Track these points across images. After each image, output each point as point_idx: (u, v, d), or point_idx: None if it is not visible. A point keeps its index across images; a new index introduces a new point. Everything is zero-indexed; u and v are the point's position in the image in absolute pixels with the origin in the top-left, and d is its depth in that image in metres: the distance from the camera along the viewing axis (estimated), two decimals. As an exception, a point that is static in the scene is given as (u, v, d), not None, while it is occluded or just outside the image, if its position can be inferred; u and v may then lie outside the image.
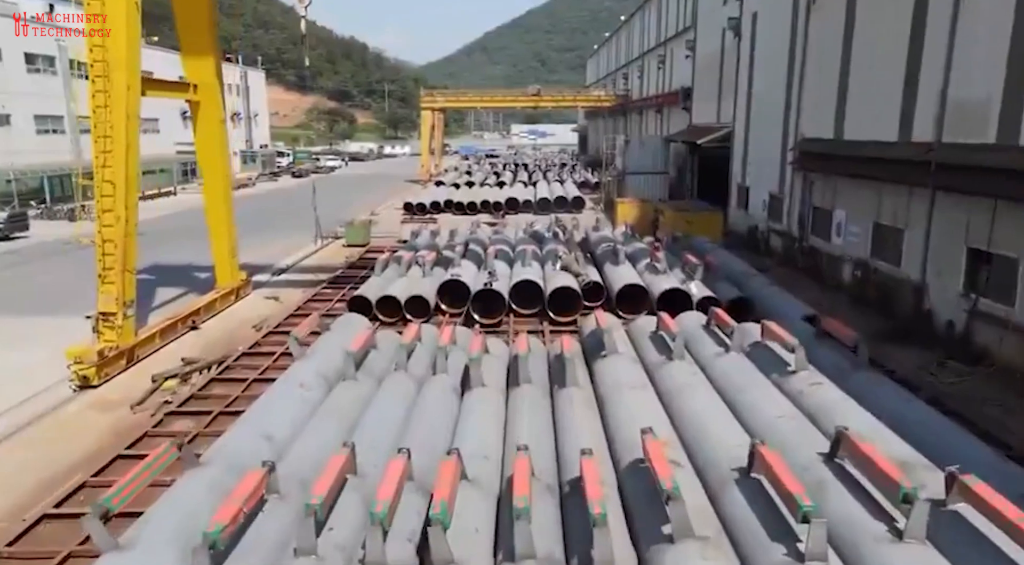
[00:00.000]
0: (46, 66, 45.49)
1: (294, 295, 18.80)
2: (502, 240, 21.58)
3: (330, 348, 10.93)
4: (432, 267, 17.74)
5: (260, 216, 36.35)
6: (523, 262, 17.64)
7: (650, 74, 47.51)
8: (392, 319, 15.67)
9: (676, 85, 38.55)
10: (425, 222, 27.30)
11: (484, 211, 35.64)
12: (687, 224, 23.31)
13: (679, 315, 12.93)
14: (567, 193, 38.00)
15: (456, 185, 44.64)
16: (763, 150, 24.44)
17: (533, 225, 23.35)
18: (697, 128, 34.00)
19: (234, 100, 66.15)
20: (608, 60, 72.59)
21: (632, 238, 21.83)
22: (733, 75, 27.54)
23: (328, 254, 25.36)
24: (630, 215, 26.55)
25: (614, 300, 15.90)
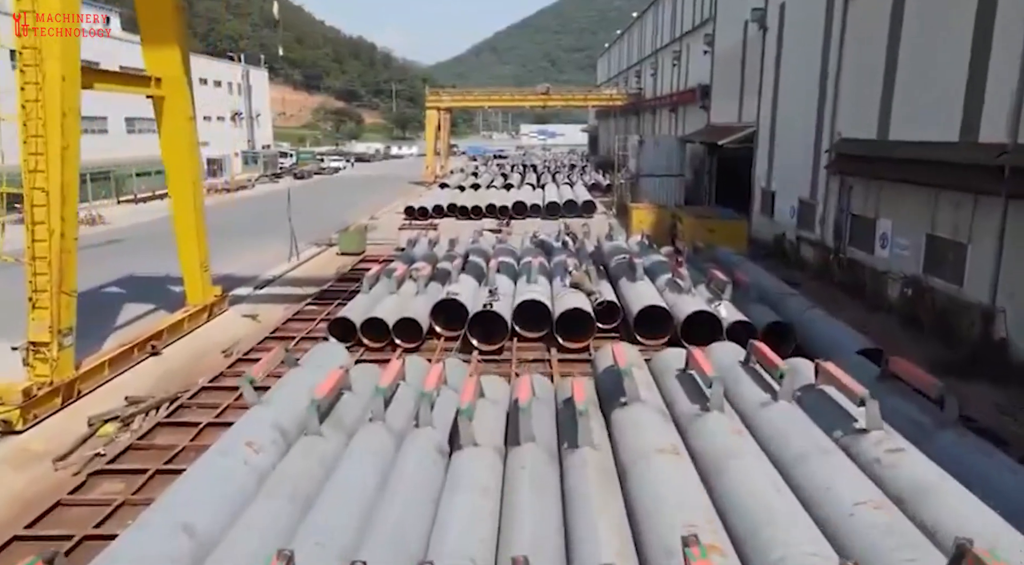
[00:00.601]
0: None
1: (275, 312, 16.96)
2: (506, 251, 19.68)
3: (295, 390, 9.06)
4: (427, 283, 15.87)
5: (255, 220, 34.61)
6: (529, 277, 15.72)
7: (664, 71, 45.51)
8: (380, 344, 13.80)
9: (693, 82, 36.54)
10: (425, 228, 25.45)
11: (489, 215, 33.76)
12: (709, 233, 21.33)
13: (711, 346, 10.99)
14: (577, 197, 36.05)
15: (461, 188, 42.82)
16: (792, 151, 22.44)
17: (540, 234, 21.43)
18: (716, 128, 31.99)
19: (236, 99, 64.59)
20: (619, 58, 70.60)
21: (649, 248, 19.88)
22: (757, 70, 25.52)
23: (320, 264, 23.53)
24: (645, 222, 24.59)
25: (632, 323, 13.96)
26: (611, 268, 18.02)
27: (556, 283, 16.01)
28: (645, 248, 19.97)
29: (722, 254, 19.10)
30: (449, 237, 21.39)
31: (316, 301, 17.57)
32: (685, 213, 23.24)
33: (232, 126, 63.75)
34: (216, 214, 38.79)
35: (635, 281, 15.57)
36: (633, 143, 35.20)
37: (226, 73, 62.64)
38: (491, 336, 13.85)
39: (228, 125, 62.79)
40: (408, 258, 19.65)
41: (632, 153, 34.99)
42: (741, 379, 9.47)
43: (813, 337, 12.46)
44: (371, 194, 47.98)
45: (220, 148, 58.90)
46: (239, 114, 64.09)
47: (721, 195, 33.34)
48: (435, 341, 14.30)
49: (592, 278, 15.71)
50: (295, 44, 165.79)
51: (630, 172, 34.80)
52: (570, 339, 13.76)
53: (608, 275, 17.68)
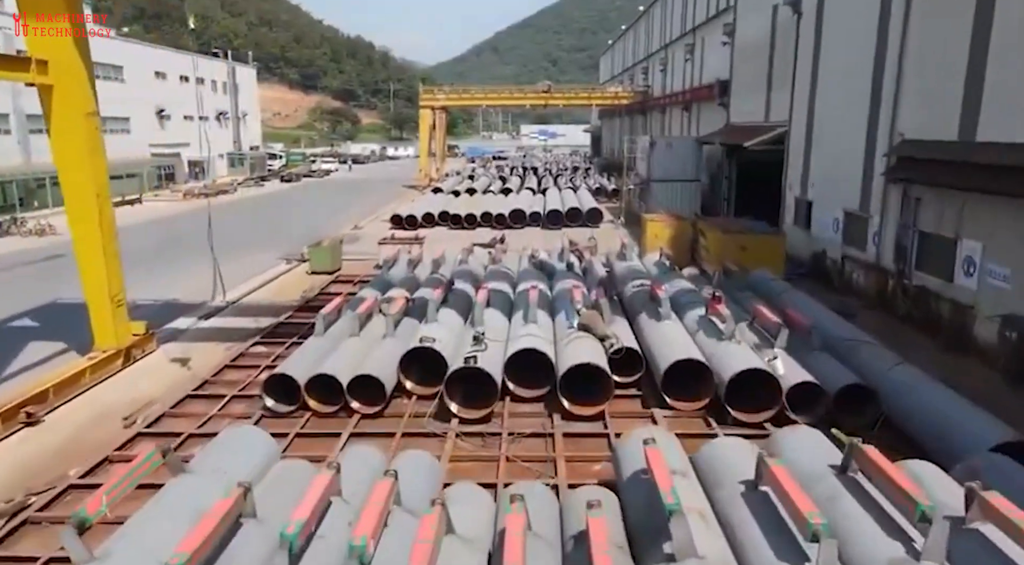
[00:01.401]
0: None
1: (214, 354, 13.73)
2: (500, 274, 16.45)
3: (157, 532, 5.87)
4: (399, 321, 12.68)
5: (227, 230, 31.28)
6: (526, 313, 12.49)
7: (675, 67, 42.26)
8: (332, 406, 10.58)
9: (709, 78, 33.30)
10: (409, 242, 22.23)
11: (485, 224, 30.54)
12: (740, 251, 18.08)
13: (780, 436, 7.76)
14: (581, 203, 32.80)
15: (456, 193, 39.62)
16: (835, 154, 19.21)
17: (540, 252, 18.17)
18: (736, 128, 28.75)
19: (221, 98, 61.37)
20: (624, 55, 67.34)
21: (671, 271, 16.64)
22: (790, 62, 22.29)
23: (283, 286, 20.30)
24: (662, 237, 21.35)
25: (660, 380, 10.72)
26: (627, 298, 14.80)
27: (560, 320, 12.79)
28: (666, 271, 16.74)
29: (759, 279, 15.89)
30: (433, 256, 18.16)
31: (267, 338, 14.36)
32: (709, 226, 19.99)
33: (218, 126, 60.53)
34: (184, 222, 35.63)
35: (660, 320, 12.34)
36: (643, 145, 31.98)
37: (210, 70, 59.43)
38: (477, 395, 10.61)
39: (212, 125, 59.58)
40: (382, 283, 16.46)
41: (642, 156, 31.76)
42: (842, 505, 6.23)
43: (910, 410, 9.22)
44: (361, 199, 44.81)
45: (202, 149, 55.71)
46: (224, 114, 60.87)
47: (742, 203, 30.06)
48: (405, 400, 11.10)
49: (605, 315, 12.49)
50: (292, 43, 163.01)
51: (640, 177, 31.57)
52: (580, 402, 10.52)
53: (623, 307, 14.46)
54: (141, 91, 47.62)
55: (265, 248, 25.61)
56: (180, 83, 54.04)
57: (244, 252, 25.63)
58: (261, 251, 25.22)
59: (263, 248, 25.75)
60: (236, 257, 24.63)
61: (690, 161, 30.51)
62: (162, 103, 50.22)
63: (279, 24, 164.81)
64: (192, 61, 54.05)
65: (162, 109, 50.07)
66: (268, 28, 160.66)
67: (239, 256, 24.76)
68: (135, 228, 32.29)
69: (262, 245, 26.61)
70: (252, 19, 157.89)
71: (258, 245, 26.77)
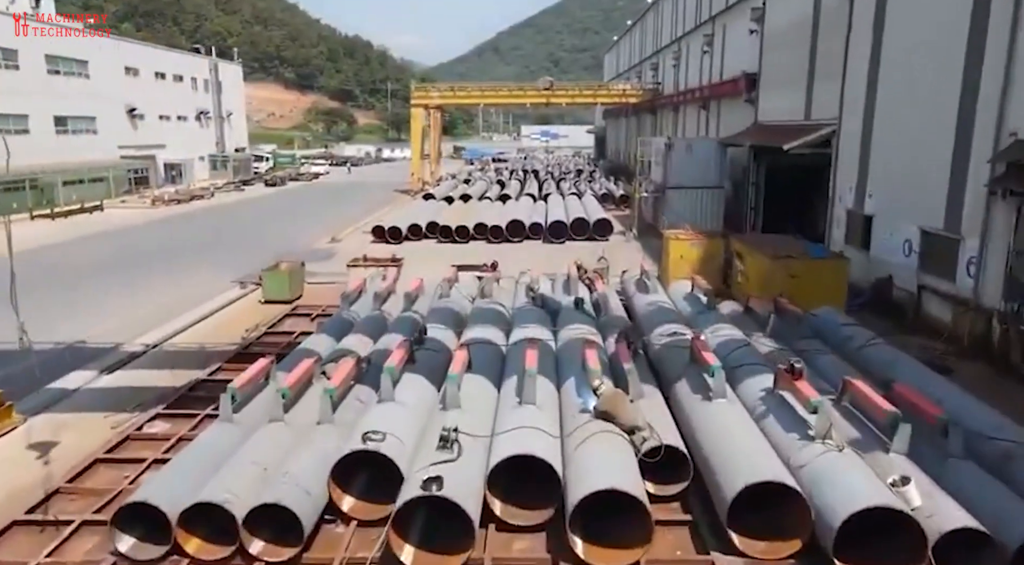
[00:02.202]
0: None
1: (97, 432, 10.08)
2: (489, 314, 12.79)
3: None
4: (347, 391, 9.07)
5: (185, 244, 27.70)
6: (521, 386, 8.83)
7: (690, 61, 38.58)
8: (223, 549, 6.92)
9: (732, 71, 29.62)
10: (385, 264, 18.58)
11: (479, 236, 26.89)
12: (789, 280, 14.41)
13: None
14: (588, 213, 29.14)
15: (449, 199, 36.04)
16: (906, 159, 15.55)
17: (539, 284, 14.40)
18: (767, 127, 25.11)
19: (202, 96, 57.73)
20: (631, 51, 63.71)
21: (709, 311, 12.96)
22: (840, 47, 18.64)
23: (231, 318, 16.65)
24: (689, 258, 17.68)
25: (724, 511, 7.02)
26: (655, 351, 11.13)
27: (569, 395, 9.12)
28: (703, 310, 13.07)
29: (827, 322, 12.22)
30: (410, 286, 14.47)
31: (173, 409, 10.71)
32: (750, 247, 16.26)
33: (199, 126, 56.92)
34: (143, 234, 31.02)
35: (711, 398, 8.65)
36: (658, 147, 28.31)
37: (190, 67, 55.77)
38: (446, 530, 6.95)
39: (192, 125, 55.97)
40: (338, 326, 12.83)
41: (657, 159, 28.09)
42: None
43: None
44: (346, 205, 41.18)
45: (181, 151, 52.15)
46: (206, 113, 57.21)
47: (770, 214, 26.43)
48: (340, 529, 7.45)
49: (633, 390, 8.86)
50: (288, 42, 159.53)
51: (655, 184, 27.88)
52: (601, 541, 6.86)
53: (650, 363, 10.80)
54: (110, 88, 44.02)
55: (222, 267, 21.98)
56: (155, 80, 50.42)
57: (194, 272, 22.04)
58: (216, 270, 21.60)
59: (219, 267, 22.12)
60: (182, 279, 21.03)
61: (712, 165, 26.84)
62: (134, 101, 46.58)
63: (274, 22, 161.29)
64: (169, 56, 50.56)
65: (133, 108, 46.43)
66: (263, 26, 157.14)
67: (186, 277, 21.19)
68: (78, 242, 28.77)
69: (219, 263, 22.97)
70: (247, 17, 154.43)
71: (214, 263, 23.13)
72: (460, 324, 12.69)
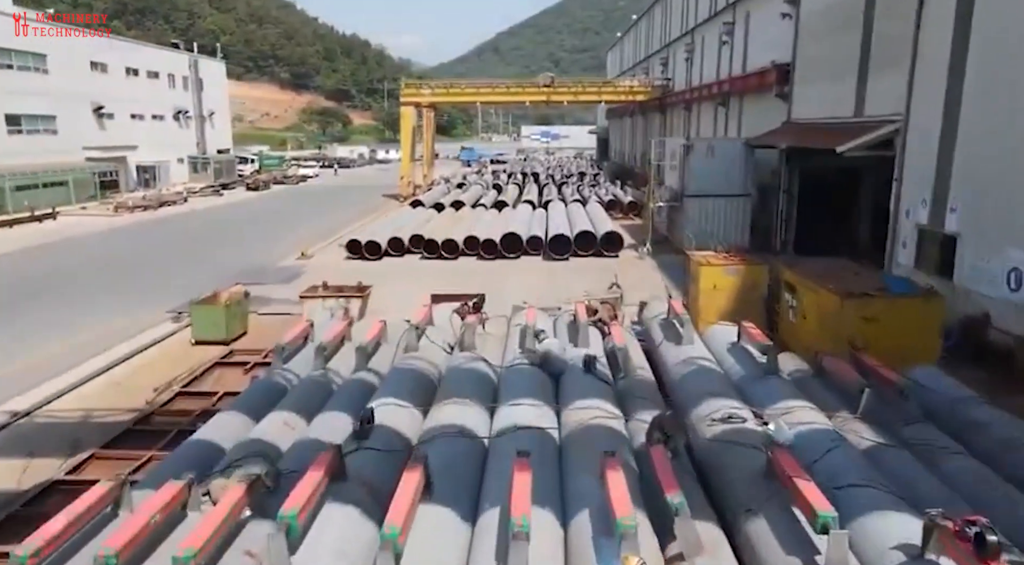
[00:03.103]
0: None
1: None
2: (466, 381, 9.27)
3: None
4: (243, 524, 5.59)
5: (129, 261, 24.10)
6: (506, 529, 5.34)
7: (705, 54, 35.10)
8: None
9: (758, 62, 26.12)
10: (347, 294, 15.10)
11: (471, 252, 23.43)
12: (864, 324, 10.92)
13: None
14: (594, 224, 25.65)
15: (439, 206, 32.57)
16: (1010, 163, 12.05)
17: (542, 337, 10.80)
18: (803, 126, 21.64)
19: (181, 94, 54.24)
20: (636, 47, 60.23)
21: (770, 375, 9.45)
22: (905, 30, 15.18)
23: (149, 365, 13.18)
24: (724, 288, 14.17)
25: None
26: (701, 446, 7.66)
27: (581, 547, 5.64)
28: (758, 372, 9.57)
29: (933, 391, 8.72)
30: (365, 336, 10.95)
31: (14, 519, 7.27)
32: (805, 278, 12.76)
33: (177, 126, 53.45)
34: (97, 246, 26.78)
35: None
36: (674, 149, 24.84)
37: (166, 63, 52.24)
38: None
39: (170, 125, 52.51)
40: (261, 395, 9.38)
41: (673, 163, 24.62)
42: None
43: None
44: (329, 212, 37.73)
45: (156, 152, 48.71)
46: (185, 112, 53.70)
47: (804, 226, 23.03)
48: None
49: (687, 542, 5.39)
50: (283, 40, 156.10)
51: (671, 191, 24.39)
52: None
53: (694, 465, 7.35)
54: (73, 84, 40.52)
55: (162, 293, 18.52)
56: (127, 77, 46.93)
57: (129, 297, 18.55)
58: (154, 297, 18.13)
59: (160, 292, 18.66)
60: (112, 307, 17.48)
61: (737, 170, 23.39)
62: (101, 99, 43.09)
63: (270, 20, 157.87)
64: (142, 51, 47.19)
65: (101, 106, 42.94)
66: (258, 25, 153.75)
67: (118, 304, 17.68)
68: (42, 251, 25.41)
69: (160, 287, 19.53)
70: (241, 15, 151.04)
71: (155, 287, 19.67)
72: (428, 393, 9.23)
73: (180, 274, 21.63)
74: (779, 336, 13.43)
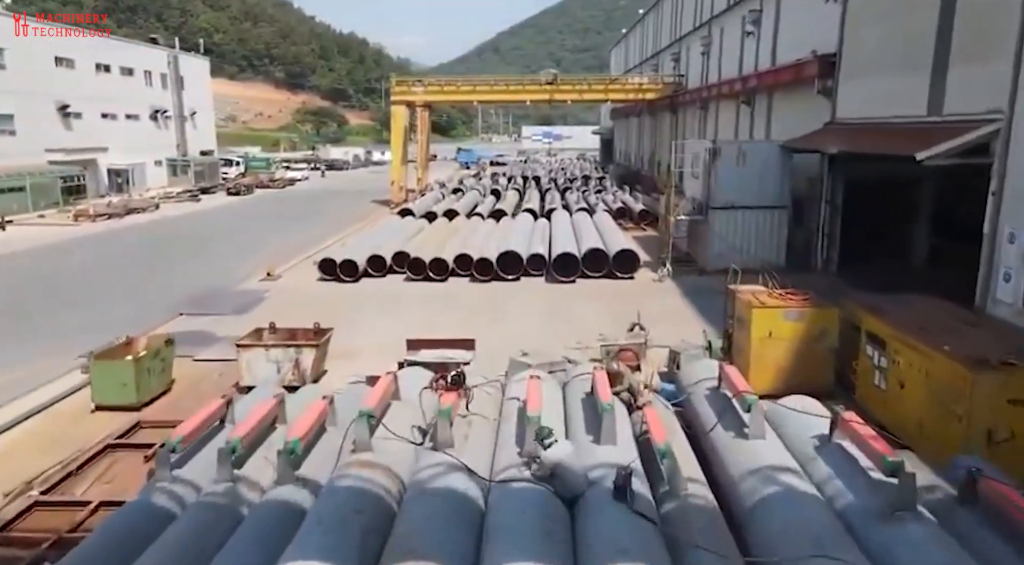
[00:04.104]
0: None
1: None
2: (436, 514, 6.01)
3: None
4: None
5: (67, 283, 20.71)
6: None
7: (724, 47, 31.87)
8: None
9: (790, 55, 22.86)
10: (294, 341, 11.87)
11: (462, 272, 20.20)
12: (1009, 409, 7.69)
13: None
14: (605, 240, 22.38)
15: (430, 215, 29.33)
16: None
17: (549, 441, 7.50)
18: (853, 127, 18.40)
19: (159, 93, 50.99)
20: (643, 43, 56.97)
21: (906, 505, 6.17)
22: (1005, 9, 11.95)
23: (33, 441, 9.91)
24: (781, 336, 10.94)
25: None
26: None
27: None
28: (877, 499, 6.28)
29: None
30: (298, 427, 7.66)
31: None
32: (897, 329, 9.48)
33: (154, 127, 50.23)
34: (19, 266, 22.91)
35: None
36: (697, 153, 21.60)
37: (142, 59, 48.92)
38: None
39: (146, 125, 49.27)
40: (121, 532, 6.13)
41: (695, 169, 21.38)
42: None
43: None
44: (312, 220, 34.52)
45: (131, 155, 45.46)
46: (163, 112, 50.44)
47: (849, 244, 19.84)
48: None
49: None
50: (279, 39, 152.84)
51: (693, 201, 21.15)
52: None
53: None
54: (34, 81, 37.28)
55: (86, 330, 15.26)
56: (97, 73, 43.68)
57: (38, 337, 15.27)
58: (73, 335, 14.83)
59: (84, 329, 15.39)
60: (12, 351, 14.05)
61: (772, 177, 20.19)
62: (67, 97, 39.85)
63: (265, 18, 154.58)
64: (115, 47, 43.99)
65: (66, 104, 39.69)
66: (253, 23, 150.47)
67: (14, 350, 14.21)
68: None
69: (86, 322, 16.27)
70: (235, 13, 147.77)
71: (79, 322, 16.40)
72: (377, 532, 6.00)
73: (119, 301, 18.41)
74: (859, 403, 10.22)
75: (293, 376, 11.42)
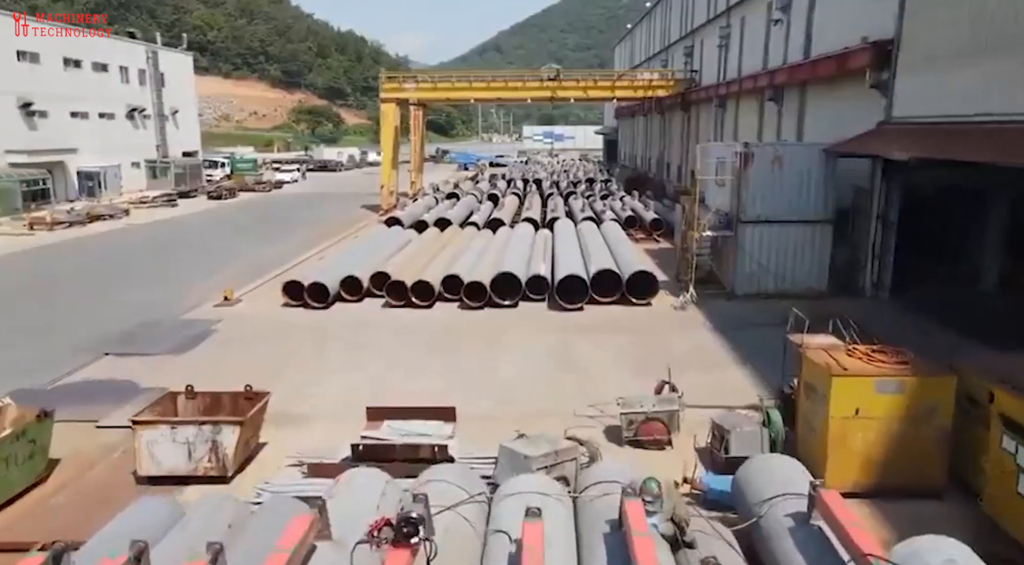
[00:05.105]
0: None
1: None
2: None
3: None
4: None
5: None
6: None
7: (746, 39, 28.89)
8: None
9: (829, 45, 19.82)
10: (217, 420, 8.95)
11: (451, 296, 17.25)
12: None
13: None
14: (616, 256, 19.42)
15: (420, 225, 26.37)
16: None
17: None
18: (915, 127, 15.43)
19: (137, 90, 47.98)
20: (651, 37, 53.93)
21: None
22: None
23: None
24: (877, 415, 7.99)
25: None
26: None
27: None
28: None
29: None
30: None
31: None
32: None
33: (131, 126, 47.26)
34: None
35: None
36: (724, 157, 18.62)
37: (117, 54, 45.90)
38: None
39: (122, 125, 46.30)
40: None
41: (720, 177, 18.38)
42: None
43: None
44: (291, 228, 31.60)
45: (105, 156, 42.52)
46: (141, 110, 47.42)
47: (903, 266, 16.93)
48: None
49: None
50: (275, 36, 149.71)
51: (719, 214, 18.17)
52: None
53: None
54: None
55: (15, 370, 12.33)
56: (66, 69, 40.69)
57: None
58: None
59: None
60: None
61: (814, 187, 17.22)
62: (31, 94, 36.88)
63: (260, 16, 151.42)
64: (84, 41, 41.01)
65: (29, 102, 36.72)
66: (248, 20, 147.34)
67: None
68: None
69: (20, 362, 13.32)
70: (230, 10, 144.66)
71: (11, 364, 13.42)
72: None
73: (31, 336, 15.42)
74: (987, 509, 7.32)
75: (209, 464, 8.50)
